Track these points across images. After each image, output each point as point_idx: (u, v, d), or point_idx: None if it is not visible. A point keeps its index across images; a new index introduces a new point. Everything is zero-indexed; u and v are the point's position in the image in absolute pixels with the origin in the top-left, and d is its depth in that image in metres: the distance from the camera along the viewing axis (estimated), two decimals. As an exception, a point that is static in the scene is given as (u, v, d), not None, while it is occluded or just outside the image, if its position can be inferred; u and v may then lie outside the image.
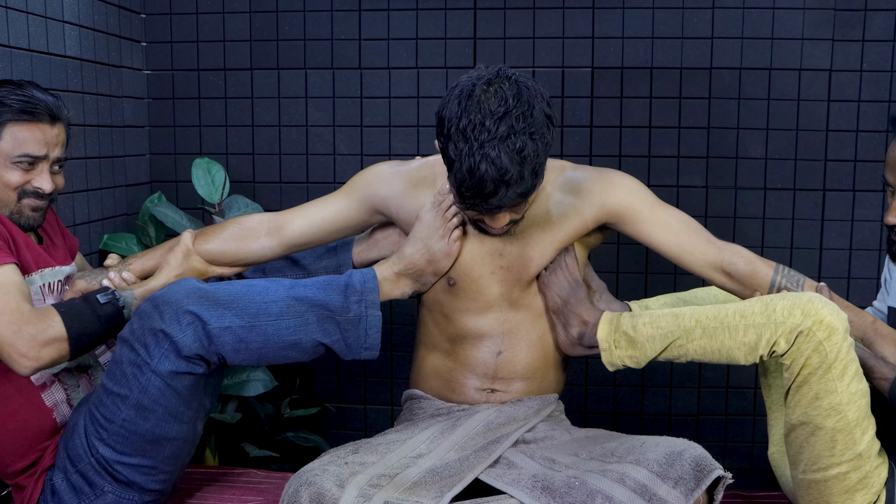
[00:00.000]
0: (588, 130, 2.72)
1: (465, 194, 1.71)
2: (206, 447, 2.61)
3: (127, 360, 1.70)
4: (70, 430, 1.79)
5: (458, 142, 1.68)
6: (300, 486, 1.61)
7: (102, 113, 2.55)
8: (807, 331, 1.65)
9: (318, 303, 1.79)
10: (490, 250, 1.92)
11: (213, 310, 1.70)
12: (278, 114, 2.81)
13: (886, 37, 2.60)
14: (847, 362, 1.66)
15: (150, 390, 1.69)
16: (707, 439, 2.74)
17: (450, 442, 1.84)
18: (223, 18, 2.79)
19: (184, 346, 1.67)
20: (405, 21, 2.73)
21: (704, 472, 1.62)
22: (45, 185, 1.80)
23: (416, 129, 2.75)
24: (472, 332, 1.96)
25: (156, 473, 1.79)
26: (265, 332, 1.74)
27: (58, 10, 2.30)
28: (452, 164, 1.71)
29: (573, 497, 1.60)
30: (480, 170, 1.66)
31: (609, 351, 1.84)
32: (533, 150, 1.68)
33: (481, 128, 1.66)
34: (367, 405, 2.89)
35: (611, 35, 2.68)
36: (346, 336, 1.81)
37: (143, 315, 1.70)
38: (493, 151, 1.66)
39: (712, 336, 1.74)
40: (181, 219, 2.57)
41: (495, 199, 1.69)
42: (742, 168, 2.69)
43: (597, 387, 2.79)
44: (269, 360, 1.80)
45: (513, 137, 1.66)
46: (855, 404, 1.67)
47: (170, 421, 1.74)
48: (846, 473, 1.70)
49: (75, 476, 1.76)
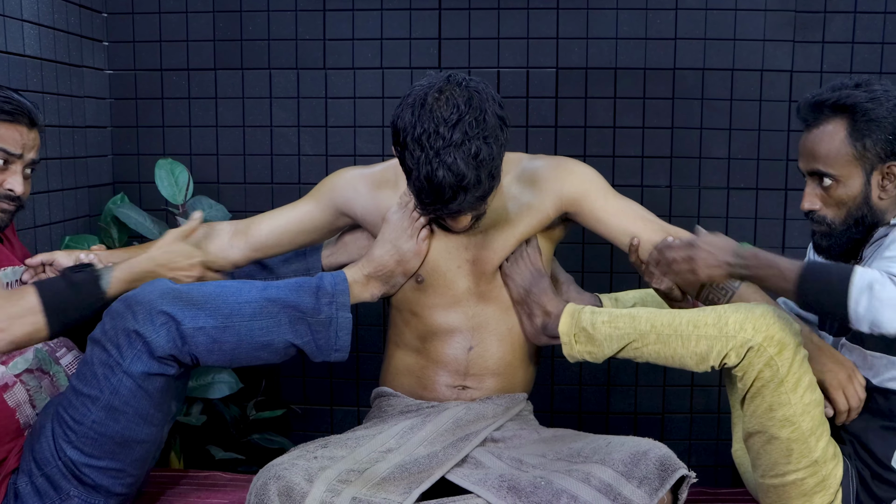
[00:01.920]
0: (553, 131, 2.73)
1: (425, 201, 1.75)
2: (171, 450, 2.59)
3: (98, 361, 1.68)
4: (36, 432, 1.76)
5: (415, 150, 1.71)
6: (269, 479, 1.61)
7: (63, 113, 2.52)
8: (757, 346, 1.66)
9: (291, 304, 1.79)
10: (455, 245, 1.95)
11: (186, 310, 1.70)
12: (242, 114, 2.79)
13: (845, 38, 2.63)
14: (800, 375, 1.68)
15: (122, 391, 1.68)
16: (672, 437, 2.76)
17: (419, 437, 1.84)
18: (186, 18, 2.77)
19: (157, 347, 1.66)
20: (370, 21, 2.73)
21: (668, 471, 1.64)
22: (16, 187, 1.80)
23: (381, 129, 2.75)
24: (443, 328, 1.97)
25: (123, 476, 1.76)
26: (238, 332, 1.74)
27: (16, 9, 2.27)
28: (410, 173, 1.74)
29: (539, 497, 1.61)
30: (438, 176, 1.69)
31: (570, 345, 1.86)
32: (488, 153, 1.71)
33: (436, 135, 1.69)
34: (334, 406, 2.88)
35: (575, 36, 2.69)
36: (316, 337, 1.82)
37: (116, 315, 1.69)
38: (450, 158, 1.69)
39: (666, 342, 1.76)
40: (144, 220, 2.54)
41: (454, 203, 1.73)
42: (706, 168, 2.71)
43: (563, 386, 2.80)
44: (241, 360, 1.79)
45: (468, 143, 1.69)
46: (809, 414, 1.69)
47: (139, 423, 1.72)
48: (803, 479, 1.73)
49: (40, 479, 1.73)
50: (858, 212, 1.78)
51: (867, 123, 1.73)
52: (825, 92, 1.80)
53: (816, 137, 1.80)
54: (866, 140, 1.74)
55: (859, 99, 1.74)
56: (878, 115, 1.73)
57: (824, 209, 1.81)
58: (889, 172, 1.75)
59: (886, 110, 1.73)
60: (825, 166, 1.78)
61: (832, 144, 1.77)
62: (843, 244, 1.81)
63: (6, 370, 1.79)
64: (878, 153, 1.74)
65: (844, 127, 1.76)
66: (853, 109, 1.75)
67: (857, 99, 1.74)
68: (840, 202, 1.79)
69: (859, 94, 1.75)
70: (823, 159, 1.78)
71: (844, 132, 1.76)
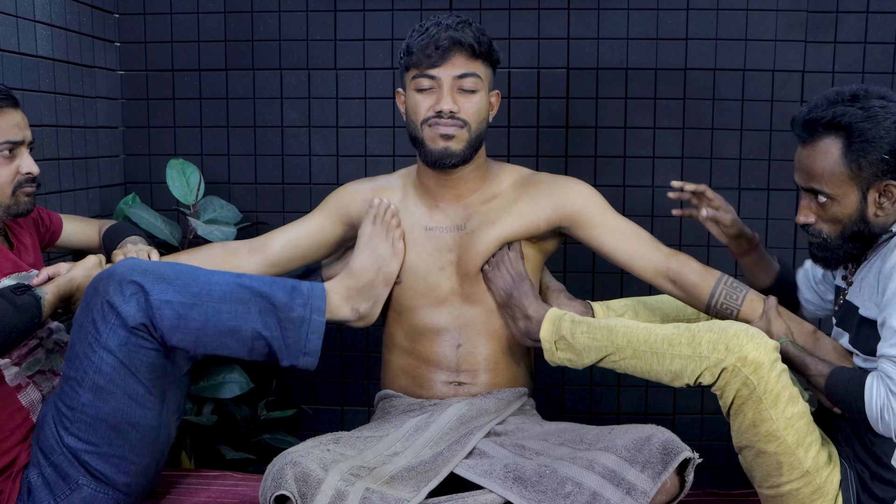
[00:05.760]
0: (564, 131, 2.72)
1: (417, 43, 1.92)
2: (182, 449, 2.60)
3: (79, 341, 1.70)
4: (40, 422, 1.78)
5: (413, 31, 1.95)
6: (285, 465, 1.62)
7: (75, 114, 2.53)
8: (731, 367, 1.67)
9: (263, 294, 1.79)
10: (438, 246, 2.00)
11: (155, 283, 1.71)
12: (253, 114, 2.80)
13: (857, 39, 2.62)
14: (778, 391, 1.68)
15: (104, 368, 1.69)
16: (683, 438, 2.72)
17: (424, 440, 1.85)
18: (197, 19, 2.78)
19: (128, 316, 1.67)
20: (381, 22, 2.73)
21: (672, 454, 1.66)
22: (33, 168, 1.83)
23: (391, 129, 2.75)
24: (430, 328, 2.01)
25: (125, 464, 1.77)
26: (205, 312, 1.73)
27: (29, 10, 2.28)
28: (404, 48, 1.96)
29: (544, 485, 1.63)
30: (429, 27, 1.92)
31: (551, 351, 1.88)
32: (483, 29, 1.95)
33: (432, 21, 1.94)
34: (344, 406, 2.89)
35: (586, 36, 2.69)
36: (286, 335, 1.80)
37: (89, 293, 1.71)
38: (447, 20, 1.92)
39: (641, 358, 1.78)
40: (155, 220, 2.55)
41: (456, 31, 1.89)
42: (717, 168, 2.70)
43: (574, 386, 2.80)
44: (206, 344, 1.76)
45: (463, 19, 1.95)
46: (793, 427, 1.69)
47: (129, 404, 1.72)
48: (798, 489, 1.73)
49: (49, 470, 1.74)
50: (854, 227, 1.74)
51: (862, 144, 1.68)
52: (820, 107, 1.73)
53: (811, 155, 1.75)
54: (861, 160, 1.69)
55: (855, 118, 1.68)
56: (874, 136, 1.67)
57: (820, 223, 1.78)
58: (886, 190, 1.71)
59: (884, 129, 1.67)
60: (819, 184, 1.73)
61: (826, 163, 1.72)
62: (840, 257, 1.79)
63: (19, 371, 1.80)
64: (874, 172, 1.69)
65: (839, 146, 1.70)
66: (848, 129, 1.69)
67: (853, 118, 1.68)
68: (835, 219, 1.75)
69: (855, 111, 1.69)
70: (818, 177, 1.73)
71: (839, 151, 1.70)
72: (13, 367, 1.79)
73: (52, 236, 2.10)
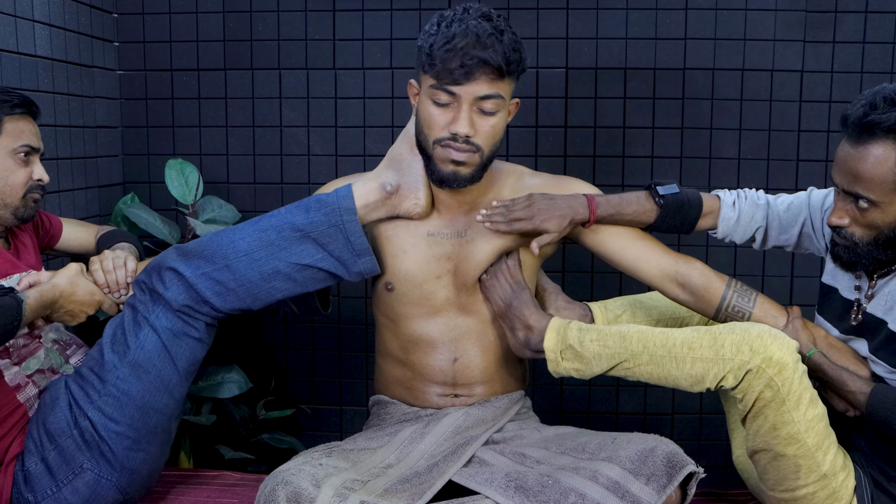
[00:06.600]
0: (563, 131, 2.72)
1: (441, 52, 1.74)
2: (181, 449, 2.60)
3: (129, 320, 1.79)
4: (48, 405, 1.78)
5: (432, 31, 1.78)
6: (276, 485, 1.61)
7: (74, 113, 2.53)
8: (756, 368, 1.63)
9: (285, 225, 1.82)
10: (437, 254, 1.93)
11: (186, 262, 1.80)
12: (252, 114, 2.80)
13: (856, 38, 2.62)
14: (801, 392, 1.64)
15: (147, 346, 1.76)
16: (682, 437, 2.75)
17: (418, 451, 1.84)
18: (196, 18, 2.78)
19: (172, 301, 1.77)
20: (380, 21, 2.73)
21: (677, 467, 1.63)
22: (44, 176, 1.90)
23: (390, 129, 2.75)
24: (423, 339, 1.95)
25: (136, 449, 1.78)
26: (238, 268, 1.80)
27: (27, 10, 2.28)
28: (426, 47, 1.77)
29: (546, 496, 1.61)
30: (457, 34, 1.73)
31: (556, 361, 1.81)
32: (513, 36, 1.77)
33: (459, 17, 1.76)
34: (343, 406, 2.89)
35: (585, 36, 2.69)
36: (329, 249, 1.81)
37: (141, 281, 1.82)
38: (473, 21, 1.74)
39: (659, 364, 1.72)
40: (154, 220, 2.55)
41: (474, 50, 1.72)
42: (716, 168, 2.71)
43: (572, 386, 2.79)
44: (260, 297, 1.82)
45: (493, 20, 1.76)
46: (813, 430, 1.66)
47: (160, 389, 1.77)
48: (814, 493, 1.71)
49: (53, 454, 1.74)
50: (889, 234, 1.68)
51: None
52: (879, 108, 1.62)
53: (861, 157, 1.64)
54: None
55: None
56: None
57: (853, 227, 1.71)
58: None
59: None
60: (865, 190, 1.65)
61: (879, 169, 1.62)
62: (866, 263, 1.74)
63: (19, 370, 1.79)
64: None
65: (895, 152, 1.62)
66: None
67: None
68: (872, 225, 1.69)
69: None
70: (866, 182, 1.65)
71: (895, 158, 1.62)
72: (13, 367, 1.78)
73: (51, 239, 2.10)
